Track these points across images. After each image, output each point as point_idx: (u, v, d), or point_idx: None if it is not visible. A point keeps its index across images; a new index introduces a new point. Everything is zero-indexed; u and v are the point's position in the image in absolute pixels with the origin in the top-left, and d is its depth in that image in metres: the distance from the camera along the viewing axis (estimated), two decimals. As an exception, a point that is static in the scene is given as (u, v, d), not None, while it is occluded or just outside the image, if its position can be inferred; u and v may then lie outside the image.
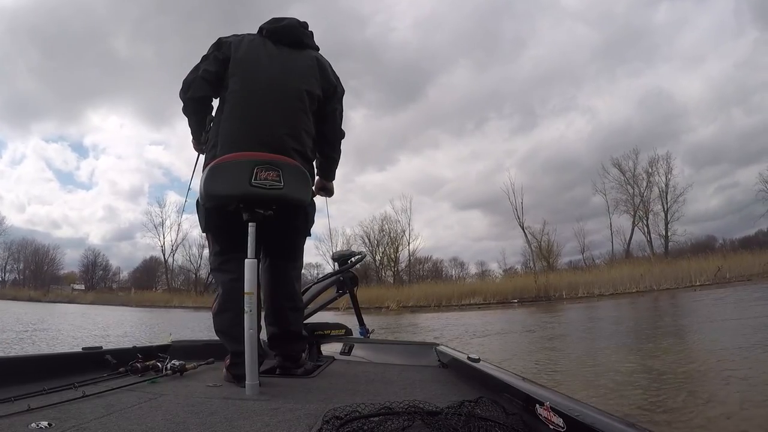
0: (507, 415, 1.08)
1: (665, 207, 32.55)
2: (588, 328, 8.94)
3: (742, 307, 9.25)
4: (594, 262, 32.24)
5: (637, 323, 8.95)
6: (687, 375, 4.03)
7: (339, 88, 2.14)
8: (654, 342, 5.87)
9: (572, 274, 25.47)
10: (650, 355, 4.97)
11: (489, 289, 23.55)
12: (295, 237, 2.11)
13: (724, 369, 4.03)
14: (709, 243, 32.22)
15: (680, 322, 8.26)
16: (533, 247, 32.50)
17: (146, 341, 7.15)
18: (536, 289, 22.06)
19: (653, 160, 33.01)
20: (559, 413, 0.96)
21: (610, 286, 20.36)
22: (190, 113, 2.05)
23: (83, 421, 1.17)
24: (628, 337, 6.86)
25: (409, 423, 1.03)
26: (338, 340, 2.68)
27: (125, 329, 11.83)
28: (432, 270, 39.27)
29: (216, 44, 2.00)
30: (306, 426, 1.16)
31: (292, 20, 2.09)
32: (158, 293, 38.86)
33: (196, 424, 1.18)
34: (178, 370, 1.92)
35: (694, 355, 4.93)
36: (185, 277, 42.98)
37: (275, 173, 1.71)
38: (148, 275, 44.29)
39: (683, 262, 21.41)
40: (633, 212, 33.29)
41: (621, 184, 33.73)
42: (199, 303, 31.44)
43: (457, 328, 9.87)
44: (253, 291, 1.64)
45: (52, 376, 1.65)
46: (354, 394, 1.61)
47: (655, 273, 20.40)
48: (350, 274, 3.18)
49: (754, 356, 4.42)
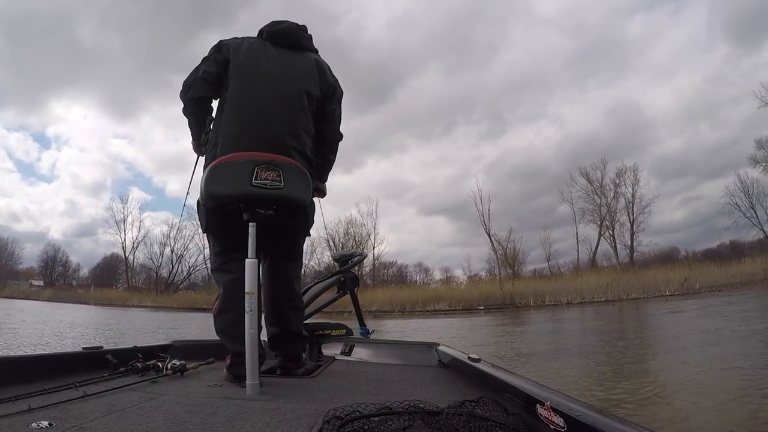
0: (507, 415, 1.08)
1: (631, 218, 33.27)
2: (554, 340, 8.48)
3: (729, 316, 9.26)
4: (559, 270, 32.64)
5: (605, 335, 8.37)
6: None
7: (338, 89, 2.15)
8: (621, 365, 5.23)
9: (538, 281, 25.71)
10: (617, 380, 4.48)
11: (454, 295, 23.51)
12: (295, 237, 2.11)
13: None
14: (672, 254, 32.99)
15: (666, 337, 7.46)
16: (499, 254, 32.63)
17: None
18: (502, 295, 22.21)
19: (621, 171, 33.75)
20: (560, 413, 0.96)
21: (578, 294, 20.51)
22: (189, 114, 2.06)
23: (84, 421, 1.17)
24: (596, 356, 6.07)
25: (409, 423, 1.03)
26: (339, 340, 2.68)
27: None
28: (396, 275, 39.11)
29: (216, 46, 2.01)
30: (307, 426, 1.16)
31: (291, 23, 2.10)
32: (118, 291, 38.19)
33: (196, 423, 1.18)
34: (178, 369, 1.92)
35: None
36: (147, 275, 42.34)
37: (276, 173, 1.72)
38: (109, 273, 43.37)
39: (650, 272, 21.94)
40: (599, 222, 33.82)
41: (588, 193, 34.30)
42: (159, 303, 31.01)
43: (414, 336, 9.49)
44: (253, 291, 1.64)
45: (52, 375, 1.64)
46: (354, 394, 1.61)
47: (621, 282, 20.74)
48: (351, 274, 3.18)
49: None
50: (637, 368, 5.01)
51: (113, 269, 43.43)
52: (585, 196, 34.26)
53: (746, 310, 10.39)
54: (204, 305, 27.68)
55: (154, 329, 10.94)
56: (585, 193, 34.27)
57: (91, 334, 9.90)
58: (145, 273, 42.41)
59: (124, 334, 9.97)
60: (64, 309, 21.88)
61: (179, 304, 29.23)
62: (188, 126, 2.10)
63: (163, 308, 27.88)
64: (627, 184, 33.52)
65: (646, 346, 6.49)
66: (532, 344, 7.65)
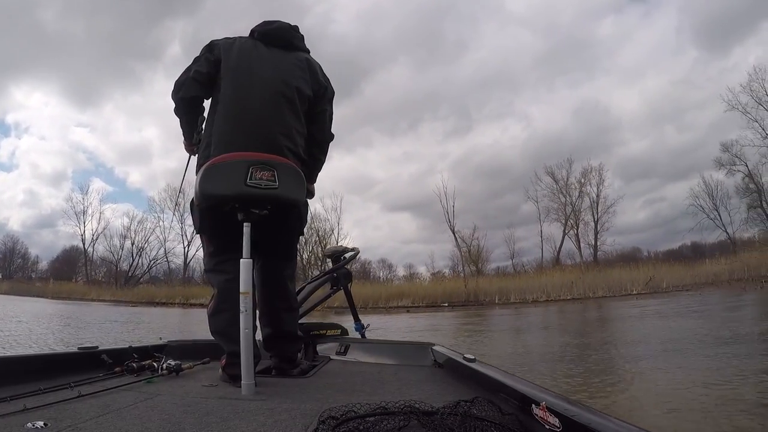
0: (503, 415, 1.09)
1: (595, 217, 33.47)
2: (515, 348, 7.49)
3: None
4: (523, 268, 32.92)
5: (580, 338, 7.73)
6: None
7: (329, 89, 2.15)
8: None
9: (502, 279, 25.88)
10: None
11: (418, 292, 23.50)
12: (289, 237, 2.11)
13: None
14: (634, 254, 33.49)
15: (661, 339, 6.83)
16: (463, 252, 32.51)
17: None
18: (466, 293, 22.26)
19: (586, 170, 33.93)
20: (555, 413, 0.96)
21: (543, 292, 20.66)
22: (181, 114, 2.06)
23: (79, 421, 1.17)
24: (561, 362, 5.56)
25: (405, 423, 1.03)
26: (334, 340, 2.69)
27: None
28: (360, 271, 38.23)
29: (208, 46, 2.01)
30: (302, 426, 1.16)
31: (283, 23, 2.11)
32: (77, 285, 36.85)
33: (192, 423, 1.18)
34: (174, 369, 1.91)
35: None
36: (107, 269, 40.84)
37: (270, 173, 1.72)
38: (69, 266, 41.71)
39: (614, 271, 22.37)
40: (564, 221, 33.88)
41: (553, 192, 34.38)
42: (118, 297, 29.96)
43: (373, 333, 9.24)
44: (248, 291, 1.64)
45: (48, 375, 1.64)
46: (350, 393, 1.61)
47: (586, 280, 21.07)
48: (344, 270, 3.19)
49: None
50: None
51: (73, 262, 42.01)
52: (550, 194, 34.41)
53: (731, 309, 10.46)
54: (163, 299, 27.42)
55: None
56: (550, 191, 34.43)
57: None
58: (106, 266, 41.10)
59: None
60: (14, 303, 20.87)
61: (138, 299, 28.67)
62: (180, 126, 2.10)
63: (122, 302, 27.08)
64: (592, 184, 33.77)
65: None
66: (497, 345, 7.41)
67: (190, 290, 29.29)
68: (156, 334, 8.32)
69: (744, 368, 4.24)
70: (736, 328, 7.08)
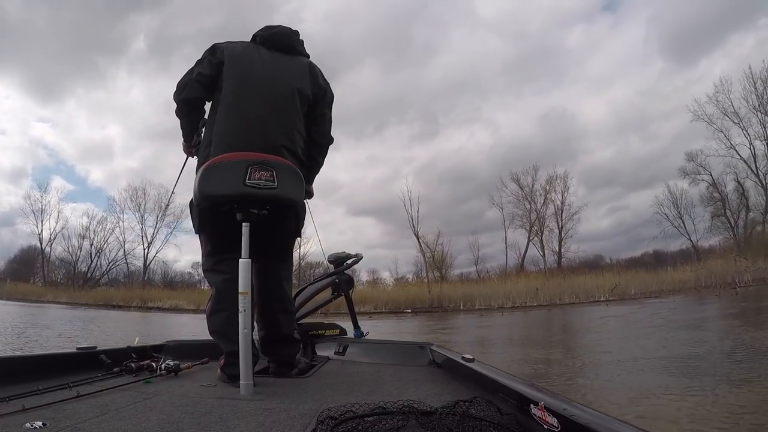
0: (501, 415, 1.09)
1: (560, 224, 33.62)
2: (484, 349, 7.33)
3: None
4: (488, 274, 32.66)
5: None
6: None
7: (328, 92, 2.17)
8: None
9: (466, 285, 25.81)
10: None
11: (381, 297, 23.29)
12: (285, 238, 2.11)
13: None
14: (596, 261, 33.44)
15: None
16: (427, 257, 32.08)
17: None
18: (430, 298, 22.13)
19: (552, 177, 34.01)
20: (554, 413, 0.96)
21: (508, 299, 20.55)
22: (182, 115, 2.07)
23: (78, 421, 1.17)
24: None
25: (403, 423, 1.03)
26: (332, 340, 2.69)
27: None
28: (322, 275, 37.67)
29: (210, 49, 2.02)
30: (301, 426, 1.16)
31: (285, 28, 2.13)
32: (33, 286, 35.30)
33: (190, 424, 1.18)
34: (172, 370, 1.92)
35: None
36: (66, 270, 39.28)
37: (269, 173, 1.72)
38: (26, 266, 39.42)
39: (580, 278, 22.43)
40: (529, 227, 33.95)
41: (519, 198, 34.39)
42: (76, 299, 29.08)
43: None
44: (247, 291, 1.65)
45: (46, 376, 1.64)
46: (348, 393, 1.61)
47: (551, 287, 21.02)
48: (346, 276, 3.18)
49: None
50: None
51: (31, 262, 39.81)
52: (515, 201, 34.33)
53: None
54: (120, 302, 26.67)
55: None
56: (515, 198, 34.34)
57: None
58: (65, 267, 39.57)
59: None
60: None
61: (95, 301, 27.95)
62: (180, 127, 2.11)
63: (78, 305, 26.25)
64: (557, 191, 33.86)
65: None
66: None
67: (149, 293, 28.75)
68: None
69: None
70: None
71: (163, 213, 30.23)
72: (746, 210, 28.61)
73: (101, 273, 38.20)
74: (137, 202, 36.96)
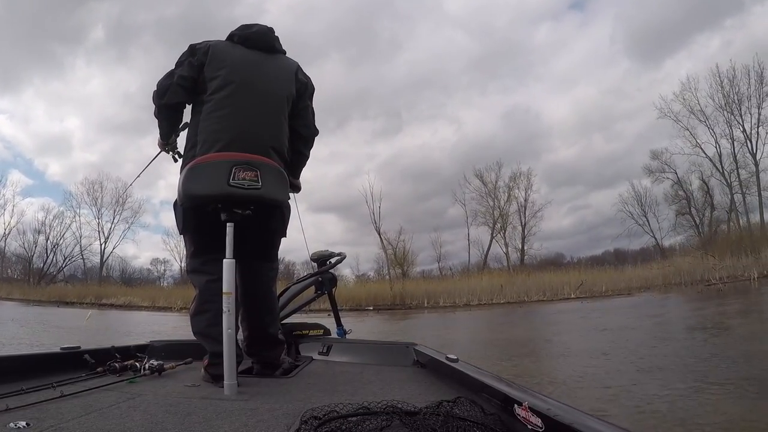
0: (485, 415, 1.11)
1: (523, 221, 33.66)
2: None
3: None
4: (450, 271, 32.58)
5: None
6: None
7: (309, 84, 2.18)
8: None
9: (429, 282, 25.72)
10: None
11: (341, 294, 22.67)
12: (271, 238, 2.11)
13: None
14: (558, 259, 33.78)
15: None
16: (388, 254, 31.66)
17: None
18: (392, 296, 22.00)
19: (515, 174, 33.88)
20: (538, 413, 0.97)
21: (473, 296, 20.53)
22: (163, 118, 2.06)
23: (61, 421, 1.16)
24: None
25: (387, 423, 1.04)
26: (316, 341, 2.69)
27: None
28: (284, 272, 36.72)
29: (189, 50, 1.99)
30: (284, 426, 1.17)
31: (262, 26, 2.11)
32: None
33: (174, 423, 1.18)
34: (156, 370, 1.90)
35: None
36: (23, 266, 37.34)
37: (254, 173, 1.72)
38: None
39: (544, 275, 22.57)
40: (492, 224, 33.90)
41: (482, 195, 34.21)
42: (29, 296, 27.96)
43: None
44: (231, 291, 1.64)
45: (30, 376, 1.62)
46: (332, 394, 1.62)
47: (516, 284, 21.11)
48: (329, 275, 3.18)
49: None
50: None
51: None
52: (478, 197, 34.05)
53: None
54: (74, 299, 25.82)
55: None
56: (478, 194, 34.05)
57: None
58: (22, 263, 37.56)
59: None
60: None
61: (49, 298, 26.86)
62: (159, 127, 2.10)
63: (31, 302, 25.28)
64: (520, 188, 33.86)
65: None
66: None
67: (105, 290, 28.10)
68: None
69: None
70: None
71: (121, 207, 29.12)
72: (711, 208, 28.93)
73: (57, 269, 36.80)
74: (94, 196, 35.62)
